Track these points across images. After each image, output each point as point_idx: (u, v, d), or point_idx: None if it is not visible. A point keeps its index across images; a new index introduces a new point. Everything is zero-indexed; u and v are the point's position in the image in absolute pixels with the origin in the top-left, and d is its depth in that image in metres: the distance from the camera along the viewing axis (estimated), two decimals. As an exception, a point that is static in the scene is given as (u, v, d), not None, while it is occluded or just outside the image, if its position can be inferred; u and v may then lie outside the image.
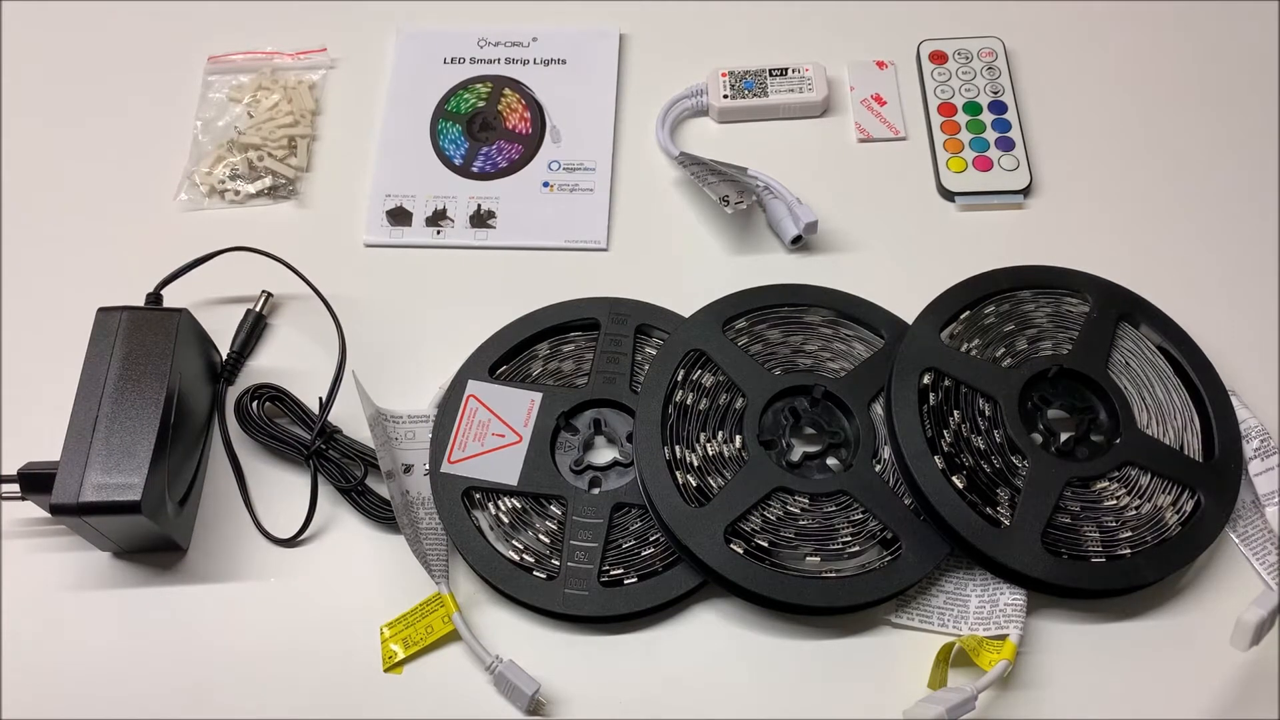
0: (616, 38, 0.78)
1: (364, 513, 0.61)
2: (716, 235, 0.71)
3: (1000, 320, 0.63)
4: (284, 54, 0.78)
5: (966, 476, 0.57)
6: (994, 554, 0.56)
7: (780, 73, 0.75)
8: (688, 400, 0.61)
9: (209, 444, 0.64)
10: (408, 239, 0.71)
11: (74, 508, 0.54)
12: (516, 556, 0.58)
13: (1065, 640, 0.57)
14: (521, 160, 0.74)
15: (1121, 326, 0.63)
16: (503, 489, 0.60)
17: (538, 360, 0.64)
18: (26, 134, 0.75)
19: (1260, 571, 0.59)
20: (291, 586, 0.60)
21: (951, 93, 0.75)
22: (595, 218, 0.71)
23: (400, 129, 0.75)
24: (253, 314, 0.67)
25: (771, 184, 0.70)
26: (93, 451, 0.55)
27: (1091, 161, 0.73)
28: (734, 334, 0.63)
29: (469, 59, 0.78)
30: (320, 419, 0.61)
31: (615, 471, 0.61)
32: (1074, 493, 0.58)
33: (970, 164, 0.72)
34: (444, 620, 0.57)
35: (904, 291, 0.65)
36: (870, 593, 0.56)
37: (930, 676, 0.56)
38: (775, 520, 0.58)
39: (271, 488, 0.62)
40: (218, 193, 0.72)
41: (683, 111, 0.75)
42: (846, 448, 0.61)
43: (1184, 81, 0.76)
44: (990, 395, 0.60)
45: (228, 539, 0.61)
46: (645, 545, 0.59)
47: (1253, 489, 0.60)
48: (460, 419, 0.62)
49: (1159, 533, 0.57)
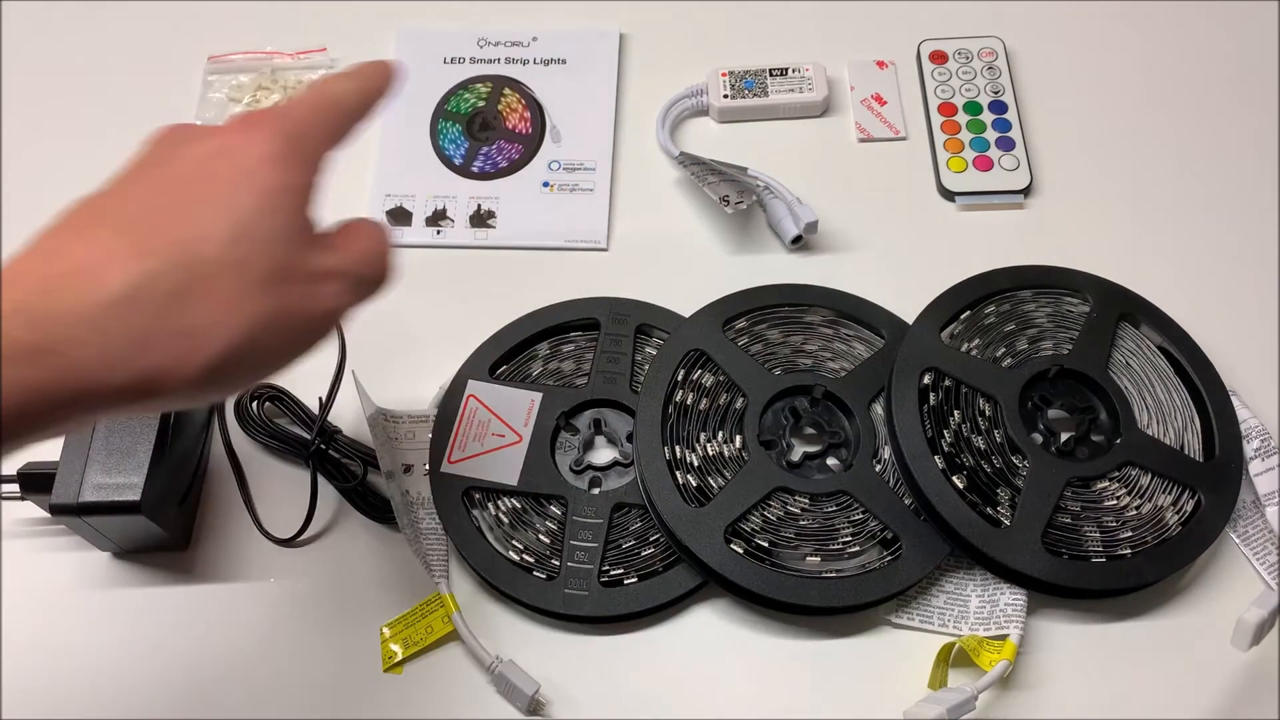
0: (616, 38, 0.78)
1: (364, 513, 0.61)
2: (716, 235, 0.71)
3: (1000, 320, 0.63)
4: (284, 54, 0.78)
5: (966, 476, 0.57)
6: (994, 554, 0.56)
7: (780, 73, 0.75)
8: (688, 400, 0.61)
9: (209, 444, 0.64)
10: (408, 239, 0.71)
11: (74, 508, 0.54)
12: (516, 556, 0.58)
13: (1065, 640, 0.57)
14: (521, 160, 0.74)
15: (1121, 326, 0.63)
16: (503, 489, 0.60)
17: (538, 360, 0.64)
18: (27, 134, 0.75)
19: (1260, 571, 0.59)
20: (291, 586, 0.60)
21: (952, 93, 0.75)
22: (595, 218, 0.71)
23: (400, 129, 0.75)
24: (253, 314, 0.66)
25: (771, 184, 0.70)
26: (92, 451, 0.55)
27: (1091, 161, 0.73)
28: (734, 334, 0.63)
29: (469, 59, 0.78)
30: (320, 419, 0.61)
31: (615, 471, 0.61)
32: (1074, 493, 0.58)
33: (970, 164, 0.72)
34: (444, 620, 0.57)
35: (904, 291, 0.65)
36: (870, 593, 0.56)
37: (930, 676, 0.56)
38: (775, 520, 0.58)
39: (271, 488, 0.62)
40: (218, 193, 0.72)
41: (683, 111, 0.75)
42: (847, 448, 0.61)
43: (1184, 81, 0.76)
44: (990, 395, 0.60)
45: (228, 539, 0.61)
46: (645, 545, 0.59)
47: (1253, 489, 0.60)
48: (460, 419, 0.62)
49: (1159, 533, 0.57)
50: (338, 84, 0.44)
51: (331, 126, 0.43)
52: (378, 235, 0.44)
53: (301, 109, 0.42)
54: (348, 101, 0.44)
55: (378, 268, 0.43)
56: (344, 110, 0.43)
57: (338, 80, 0.44)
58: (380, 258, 0.43)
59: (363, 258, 0.42)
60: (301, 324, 0.40)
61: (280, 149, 0.40)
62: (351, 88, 0.44)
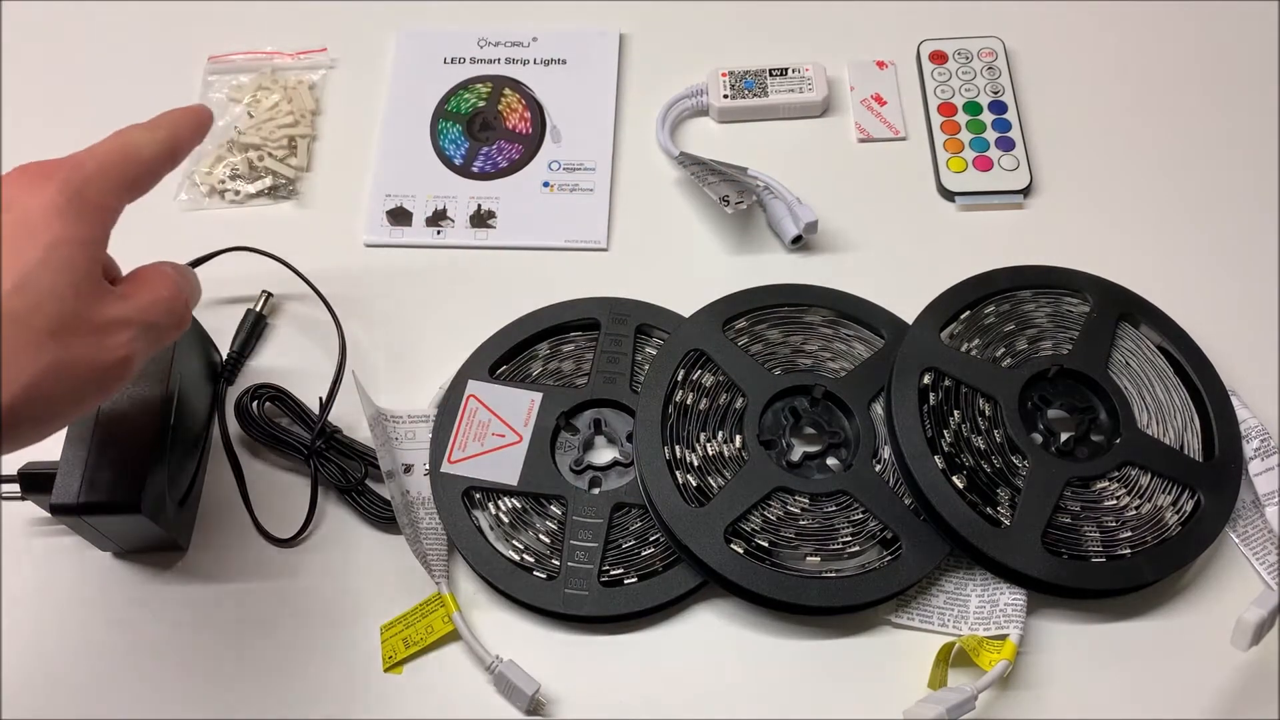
0: (616, 38, 0.78)
1: (364, 513, 0.61)
2: (716, 235, 0.71)
3: (1000, 320, 0.63)
4: (284, 54, 0.78)
5: (966, 476, 0.57)
6: (994, 554, 0.56)
7: (780, 73, 0.75)
8: (688, 400, 0.61)
9: (209, 444, 0.64)
10: (408, 239, 0.71)
11: (74, 508, 0.54)
12: (516, 556, 0.58)
13: (1065, 640, 0.57)
14: (521, 160, 0.74)
15: (1121, 326, 0.63)
16: (503, 489, 0.60)
17: (538, 360, 0.65)
18: (26, 134, 0.75)
19: (1260, 571, 0.59)
20: (291, 586, 0.60)
21: (951, 93, 0.75)
22: (595, 218, 0.71)
23: (400, 129, 0.75)
24: (253, 314, 0.67)
25: (771, 184, 0.70)
26: (93, 451, 0.55)
27: (1091, 161, 0.73)
28: (734, 334, 0.63)
29: (469, 59, 0.78)
30: (320, 419, 0.61)
31: (615, 471, 0.61)
32: (1074, 493, 0.58)
33: (970, 164, 0.72)
34: (444, 620, 0.57)
35: (904, 291, 0.65)
36: (870, 593, 0.56)
37: (930, 676, 0.56)
38: (775, 520, 0.58)
39: (271, 488, 0.62)
40: (218, 193, 0.72)
41: (683, 111, 0.75)
42: (846, 448, 0.61)
43: (1184, 81, 0.76)
44: (990, 395, 0.60)
45: (228, 539, 0.61)
46: (645, 545, 0.59)
47: (1253, 489, 0.60)
48: (460, 419, 0.62)
49: (1159, 533, 0.57)
50: (138, 135, 0.45)
51: (125, 178, 0.44)
52: (168, 283, 0.45)
53: (94, 161, 0.43)
54: (145, 153, 0.45)
55: (168, 316, 0.45)
56: (140, 161, 0.44)
57: (138, 131, 0.45)
58: (170, 305, 0.45)
59: (152, 306, 0.44)
60: (90, 374, 0.41)
61: (65, 202, 0.41)
62: (151, 139, 0.45)
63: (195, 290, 0.50)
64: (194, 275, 0.51)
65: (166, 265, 0.47)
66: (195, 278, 0.51)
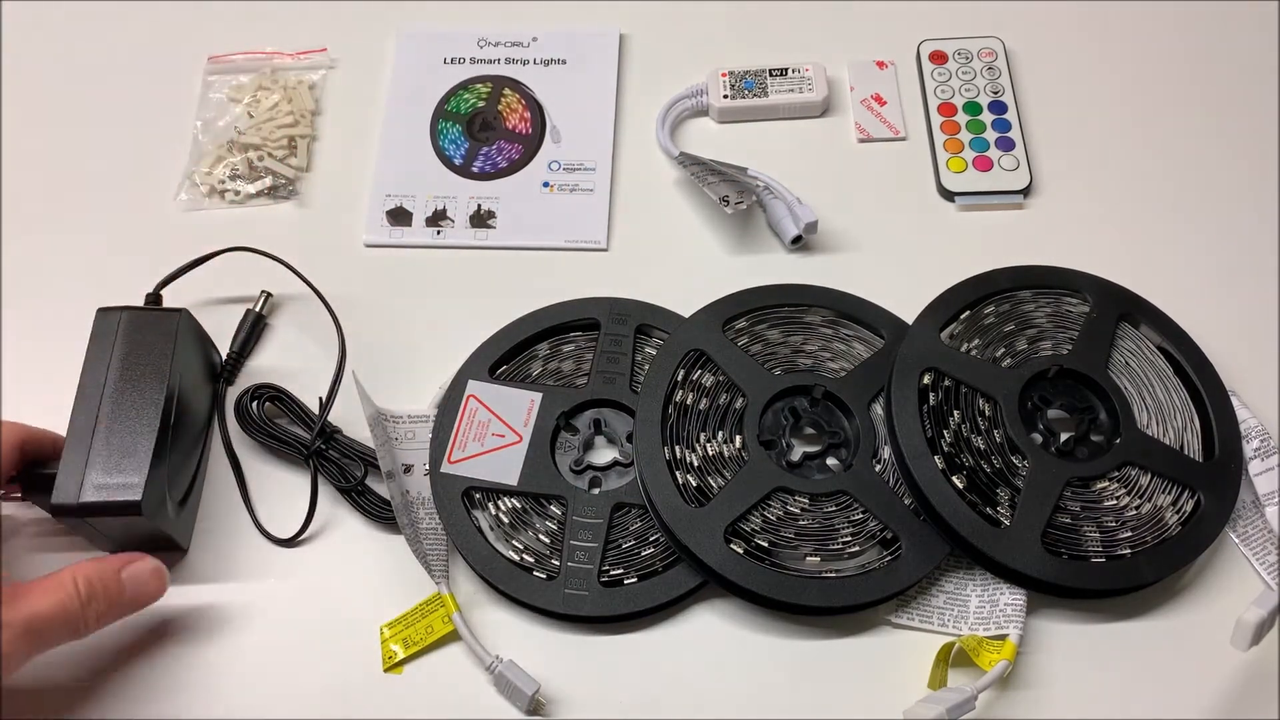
0: (616, 38, 0.78)
1: (364, 513, 0.61)
2: (716, 235, 0.71)
3: (1000, 320, 0.63)
4: (284, 54, 0.78)
5: (966, 476, 0.57)
6: (994, 554, 0.56)
7: (780, 73, 0.75)
8: (688, 400, 0.61)
9: (209, 444, 0.64)
10: (408, 239, 0.71)
11: (74, 508, 0.54)
12: (516, 556, 0.58)
13: (1065, 640, 0.57)
14: (521, 160, 0.74)
15: (1121, 326, 0.63)
16: (503, 489, 0.60)
17: (538, 360, 0.65)
18: (26, 134, 0.75)
19: (1260, 571, 0.59)
20: (291, 586, 0.60)
21: (951, 93, 0.75)
22: (595, 218, 0.71)
23: (400, 129, 0.75)
24: (252, 314, 0.67)
25: (771, 184, 0.70)
26: (93, 452, 0.55)
27: (1091, 161, 0.73)
28: (734, 334, 0.63)
29: (469, 59, 0.78)
30: (320, 419, 0.61)
31: (615, 471, 0.61)
32: (1074, 493, 0.58)
33: (970, 164, 0.72)
34: (444, 620, 0.57)
35: (904, 291, 0.65)
36: (870, 593, 0.56)
37: (930, 676, 0.56)
38: (775, 520, 0.58)
39: (271, 488, 0.62)
40: (218, 193, 0.72)
41: (683, 111, 0.75)
42: (846, 448, 0.61)
43: (1184, 81, 0.76)
44: (990, 395, 0.60)
45: (228, 539, 0.61)
46: (645, 545, 0.59)
47: (1253, 489, 0.60)
48: (460, 419, 0.62)
49: (1159, 533, 0.57)
50: None
51: None
52: (62, 593, 0.51)
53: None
54: None
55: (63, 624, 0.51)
56: None
57: None
58: (62, 615, 0.51)
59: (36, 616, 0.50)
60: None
61: None
62: None
63: (139, 586, 0.55)
64: (146, 570, 0.55)
65: (75, 573, 0.52)
66: (147, 572, 0.55)
